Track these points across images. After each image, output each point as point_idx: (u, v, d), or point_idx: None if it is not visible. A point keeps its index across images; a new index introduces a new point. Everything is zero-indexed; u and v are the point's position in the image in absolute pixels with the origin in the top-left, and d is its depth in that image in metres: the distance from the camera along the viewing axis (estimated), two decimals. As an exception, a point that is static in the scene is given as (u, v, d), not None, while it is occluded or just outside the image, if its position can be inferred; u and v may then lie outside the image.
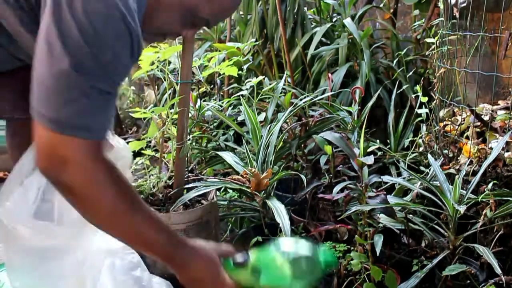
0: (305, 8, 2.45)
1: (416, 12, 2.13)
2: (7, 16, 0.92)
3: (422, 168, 1.60)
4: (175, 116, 1.54)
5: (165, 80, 1.65)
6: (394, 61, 2.09)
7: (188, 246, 0.94)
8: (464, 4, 1.49)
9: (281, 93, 1.91)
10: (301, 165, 1.88)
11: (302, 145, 1.87)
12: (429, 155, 1.44)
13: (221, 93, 2.50)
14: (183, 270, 0.94)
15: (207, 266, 0.94)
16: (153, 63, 1.84)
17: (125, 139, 2.10)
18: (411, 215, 1.38)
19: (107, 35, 0.81)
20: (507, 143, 1.35)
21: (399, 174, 1.64)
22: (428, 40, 1.71)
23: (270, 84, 1.98)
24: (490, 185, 1.29)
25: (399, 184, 1.48)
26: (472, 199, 1.26)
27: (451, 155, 1.54)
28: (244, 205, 1.68)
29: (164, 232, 0.92)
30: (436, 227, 1.32)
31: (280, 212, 1.47)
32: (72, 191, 0.83)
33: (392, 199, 1.31)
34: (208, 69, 1.86)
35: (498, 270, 1.07)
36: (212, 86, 2.69)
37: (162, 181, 1.60)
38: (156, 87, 2.76)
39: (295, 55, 2.33)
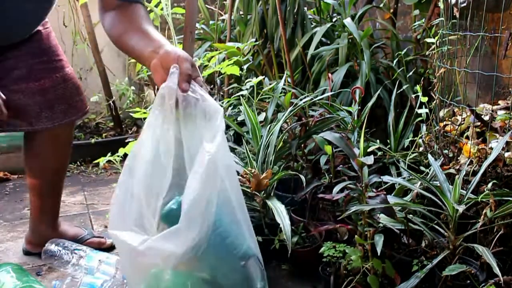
0: (305, 8, 2.45)
1: (416, 12, 2.13)
2: None
3: (422, 168, 1.60)
4: (175, 116, 1.54)
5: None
6: (394, 61, 2.09)
7: None
8: (464, 4, 1.48)
9: (281, 93, 1.91)
10: (301, 165, 1.88)
11: (302, 145, 1.87)
12: (429, 155, 1.44)
13: (221, 93, 2.50)
14: None
15: None
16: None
17: (125, 139, 2.11)
18: (411, 215, 1.38)
19: None
20: (507, 143, 1.35)
21: (399, 174, 1.64)
22: (428, 40, 1.71)
23: (270, 84, 1.98)
24: (490, 185, 1.29)
25: (399, 184, 1.48)
26: (472, 199, 1.26)
27: (451, 155, 1.54)
28: (244, 205, 1.68)
29: None
30: (436, 227, 1.32)
31: (280, 212, 1.47)
32: None
33: (392, 199, 1.31)
34: (208, 68, 1.86)
35: (496, 270, 1.07)
36: (212, 86, 2.68)
37: (162, 181, 1.60)
38: (156, 87, 2.75)
39: (295, 55, 2.33)
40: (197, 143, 1.05)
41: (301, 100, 1.79)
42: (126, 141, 1.79)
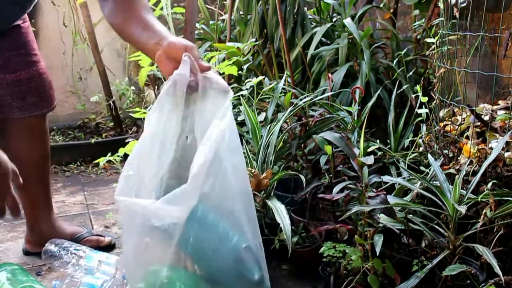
0: (305, 8, 2.45)
1: (416, 12, 2.13)
2: None
3: (422, 168, 1.60)
4: (175, 116, 1.54)
5: (165, 80, 1.65)
6: (394, 61, 2.09)
7: None
8: (464, 4, 1.48)
9: (281, 93, 1.91)
10: (301, 165, 1.88)
11: (302, 145, 1.87)
12: (429, 155, 1.44)
13: (221, 93, 2.50)
14: None
15: None
16: (152, 64, 1.83)
17: (125, 139, 2.11)
18: (411, 215, 1.38)
19: None
20: (507, 143, 1.35)
21: (399, 174, 1.64)
22: (428, 40, 1.71)
23: (270, 84, 1.98)
24: (490, 185, 1.29)
25: (399, 184, 1.48)
26: (472, 199, 1.26)
27: (451, 155, 1.54)
28: (244, 205, 1.68)
29: None
30: (436, 227, 1.32)
31: (280, 212, 1.47)
32: None
33: (392, 199, 1.31)
34: (208, 69, 1.86)
35: (497, 270, 1.07)
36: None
37: (162, 181, 1.60)
38: (156, 87, 2.76)
39: (295, 55, 2.33)
40: (210, 120, 1.12)
41: (301, 100, 1.79)
42: (126, 141, 1.79)
